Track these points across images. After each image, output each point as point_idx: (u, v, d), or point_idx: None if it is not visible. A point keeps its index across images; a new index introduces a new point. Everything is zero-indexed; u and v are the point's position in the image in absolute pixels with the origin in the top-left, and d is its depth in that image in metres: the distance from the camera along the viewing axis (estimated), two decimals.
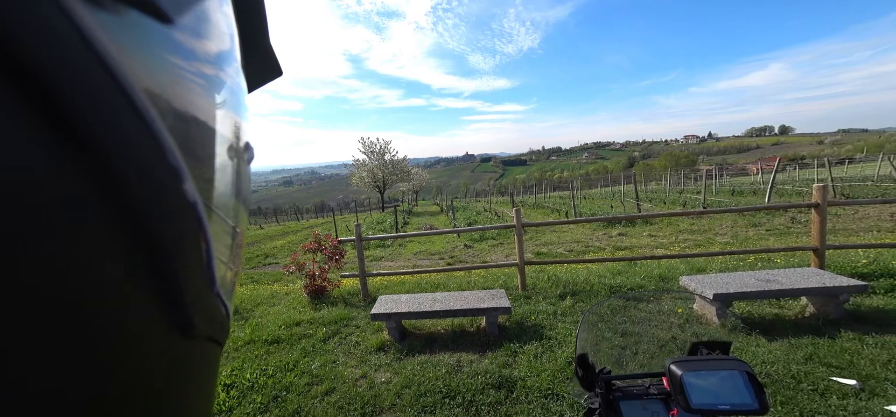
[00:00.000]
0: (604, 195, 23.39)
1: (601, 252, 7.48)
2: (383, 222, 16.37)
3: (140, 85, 0.18)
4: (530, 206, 20.77)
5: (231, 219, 0.33)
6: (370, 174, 29.68)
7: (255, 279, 7.51)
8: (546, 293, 4.14)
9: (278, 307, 4.48)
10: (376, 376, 2.73)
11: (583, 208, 15.04)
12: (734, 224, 8.87)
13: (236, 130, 0.33)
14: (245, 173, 0.37)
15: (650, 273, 4.53)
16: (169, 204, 0.21)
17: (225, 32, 0.30)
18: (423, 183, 46.23)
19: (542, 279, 4.63)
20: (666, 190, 20.33)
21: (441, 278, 5.39)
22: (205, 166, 0.26)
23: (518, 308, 3.70)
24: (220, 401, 2.50)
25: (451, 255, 8.57)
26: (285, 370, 2.86)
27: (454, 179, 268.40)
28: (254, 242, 15.60)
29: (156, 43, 0.21)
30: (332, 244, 4.82)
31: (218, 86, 0.29)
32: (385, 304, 3.39)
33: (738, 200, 13.69)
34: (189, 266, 0.24)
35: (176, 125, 0.21)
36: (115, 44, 0.17)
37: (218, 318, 0.30)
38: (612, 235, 9.21)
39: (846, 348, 2.45)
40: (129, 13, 0.18)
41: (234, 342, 3.43)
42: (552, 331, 3.16)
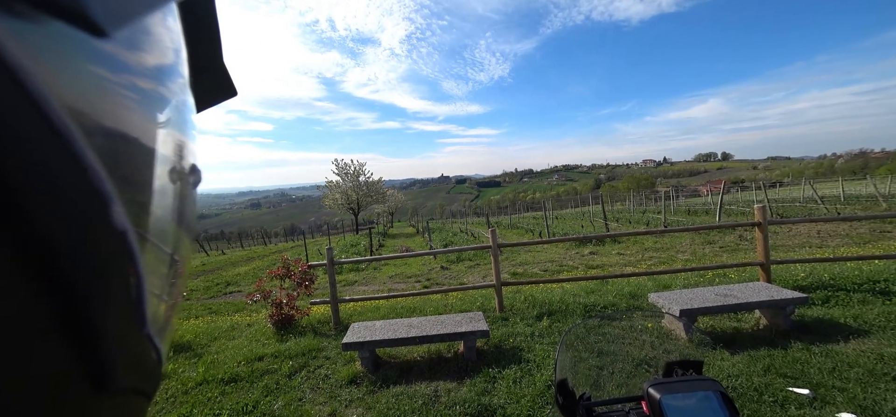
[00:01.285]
0: (574, 215, 24.39)
1: (574, 271, 7.68)
2: (357, 245, 15.88)
3: (61, 100, 0.16)
4: (505, 226, 21.15)
5: (169, 248, 0.29)
6: (344, 196, 29.01)
7: (214, 309, 6.90)
8: (523, 314, 4.13)
9: (239, 340, 4.11)
10: (347, 412, 2.53)
11: (555, 228, 15.54)
12: (693, 242, 9.51)
13: (180, 150, 0.31)
14: (190, 196, 0.34)
15: (621, 291, 4.68)
16: (89, 233, 0.18)
17: (169, 47, 0.28)
18: (398, 205, 45.83)
19: (519, 300, 4.64)
20: (630, 210, 21.62)
21: (417, 301, 5.24)
22: (140, 190, 0.23)
23: (496, 331, 3.64)
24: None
25: (428, 277, 8.42)
26: (243, 413, 2.58)
27: (430, 200, 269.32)
28: (214, 268, 14.49)
29: (84, 56, 0.18)
30: (301, 269, 4.56)
31: (160, 104, 0.27)
32: (358, 332, 3.21)
33: (694, 219, 14.84)
34: (112, 305, 0.20)
35: (105, 145, 0.19)
36: (29, 54, 0.15)
37: (147, 365, 0.26)
38: (584, 253, 9.53)
39: (797, 358, 2.62)
40: (51, 23, 0.16)
41: (184, 384, 3.06)
42: (530, 353, 3.13)
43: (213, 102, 0.45)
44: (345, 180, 29.34)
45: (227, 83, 0.45)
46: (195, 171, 0.35)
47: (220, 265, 15.94)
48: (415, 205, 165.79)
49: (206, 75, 0.40)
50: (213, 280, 11.13)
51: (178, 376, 3.25)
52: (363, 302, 5.21)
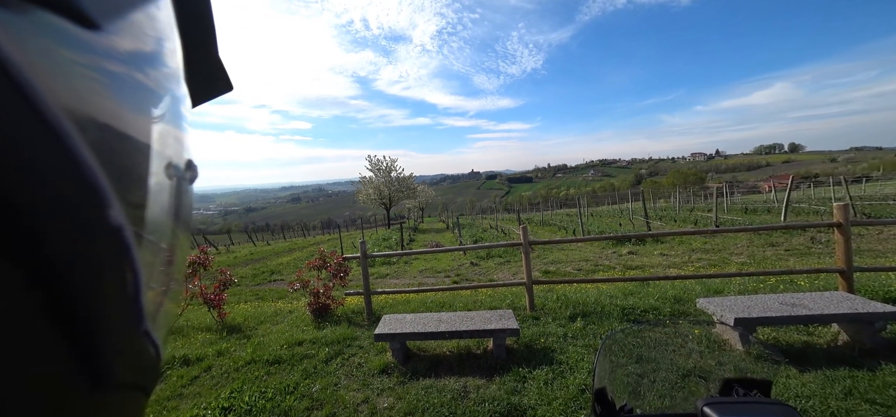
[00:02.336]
0: (611, 213, 23.12)
1: (611, 272, 7.29)
2: (389, 239, 16.34)
3: (53, 94, 0.16)
4: (537, 223, 20.59)
5: (166, 244, 0.29)
6: (376, 191, 29.93)
7: (260, 295, 7.47)
8: (555, 314, 4.00)
9: (281, 326, 4.41)
10: (379, 401, 2.61)
11: (590, 226, 14.83)
12: (750, 244, 8.60)
13: (177, 145, 0.30)
14: (186, 192, 0.33)
15: (664, 294, 4.36)
16: (85, 229, 0.18)
17: (163, 42, 0.28)
18: (429, 200, 46.39)
19: (551, 299, 4.50)
20: (676, 208, 19.97)
21: (447, 296, 5.28)
22: (135, 186, 0.23)
23: (526, 330, 3.57)
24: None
25: (458, 273, 8.44)
26: (285, 392, 2.77)
27: (460, 196, 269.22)
28: (261, 258, 15.66)
29: (76, 49, 0.18)
30: (336, 261, 4.78)
31: (154, 98, 0.26)
32: (389, 324, 3.30)
33: (752, 218, 13.34)
34: (109, 301, 0.20)
35: (101, 140, 0.18)
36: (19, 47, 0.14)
37: (145, 361, 0.26)
38: (621, 253, 9.01)
39: (890, 382, 2.27)
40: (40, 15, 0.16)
41: (235, 362, 3.35)
42: (563, 355, 3.02)
43: (208, 96, 0.45)
44: (377, 175, 30.25)
45: (222, 77, 0.44)
46: (191, 166, 0.34)
47: (266, 254, 17.19)
48: (445, 201, 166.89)
49: (201, 69, 0.39)
50: (259, 269, 12.03)
51: (230, 354, 3.57)
52: (394, 295, 5.35)
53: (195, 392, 2.93)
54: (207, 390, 2.95)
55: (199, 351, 3.65)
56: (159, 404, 2.75)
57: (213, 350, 3.67)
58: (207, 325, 4.61)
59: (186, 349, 3.76)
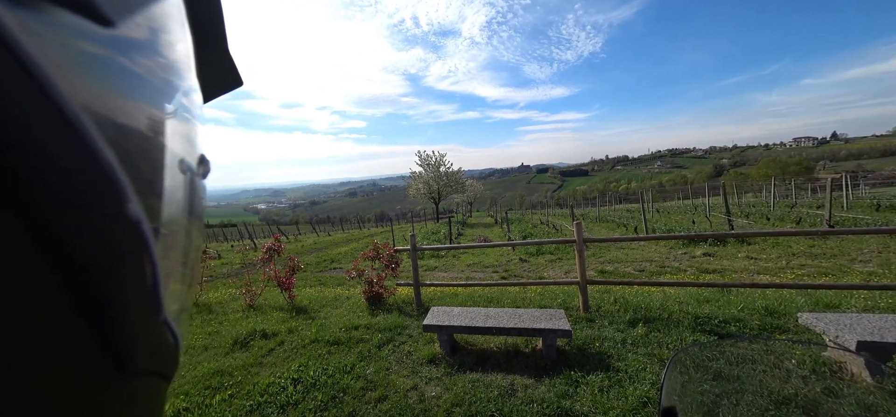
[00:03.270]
0: (682, 209, 20.53)
1: (681, 275, 6.50)
2: (438, 233, 16.70)
3: (71, 92, 0.16)
4: (592, 219, 19.22)
5: (183, 237, 0.30)
6: (426, 186, 30.70)
7: (322, 281, 8.21)
8: (613, 318, 3.71)
9: (340, 310, 4.80)
10: (427, 389, 2.70)
11: (656, 223, 13.36)
12: (885, 248, 6.93)
13: (190, 141, 0.30)
14: (199, 186, 0.33)
15: (751, 304, 3.76)
16: (106, 223, 0.18)
17: (176, 38, 0.28)
18: (477, 195, 46.22)
19: (608, 301, 4.17)
20: (770, 203, 16.86)
21: (494, 292, 5.22)
22: (151, 180, 0.23)
23: (579, 332, 3.37)
24: (288, 393, 2.72)
25: (506, 268, 8.30)
26: (343, 372, 3.01)
27: (509, 190, 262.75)
28: (323, 247, 17.18)
29: (93, 47, 0.18)
30: (388, 253, 5.03)
31: (168, 95, 0.26)
32: (437, 315, 3.38)
33: (889, 217, 10.59)
34: (130, 292, 0.21)
35: (118, 136, 0.19)
36: (39, 45, 0.15)
37: (164, 349, 0.26)
38: (695, 255, 7.97)
39: None
40: (58, 13, 0.16)
41: (302, 340, 3.74)
42: (621, 362, 2.79)
43: (219, 91, 0.44)
44: (427, 170, 30.99)
45: (232, 73, 0.44)
46: (204, 161, 0.34)
47: (327, 244, 18.82)
48: (493, 195, 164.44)
49: (212, 65, 0.39)
50: (322, 257, 13.22)
51: (298, 332, 3.99)
52: (443, 288, 5.45)
53: (271, 362, 3.34)
54: (281, 361, 3.34)
55: (274, 327, 4.15)
56: (245, 369, 3.20)
57: (285, 328, 4.14)
58: (280, 305, 5.21)
59: (264, 324, 4.30)
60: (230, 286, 7.21)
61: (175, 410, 2.59)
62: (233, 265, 11.42)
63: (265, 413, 2.51)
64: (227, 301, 5.78)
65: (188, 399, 2.74)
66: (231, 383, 2.97)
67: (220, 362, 3.36)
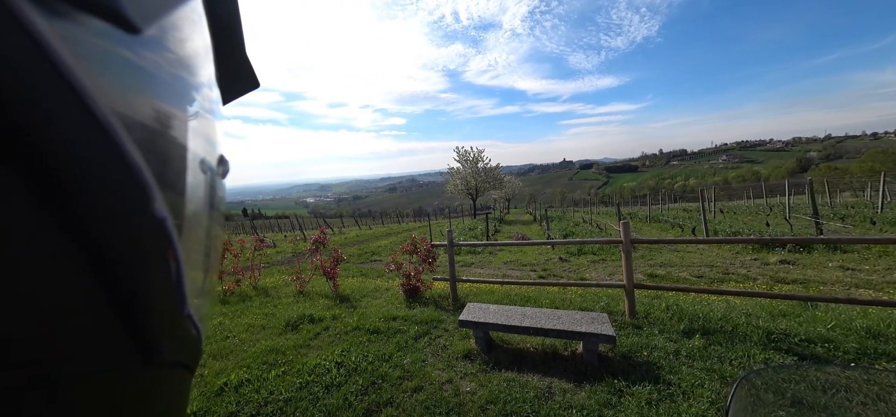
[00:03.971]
0: (754, 209, 18.16)
1: (751, 283, 5.77)
2: (474, 229, 16.65)
3: (102, 96, 0.17)
4: (641, 219, 17.80)
5: (205, 235, 0.30)
6: (463, 182, 30.70)
7: (364, 272, 8.62)
8: (664, 326, 3.42)
9: (379, 301, 5.01)
10: (462, 384, 2.72)
11: (719, 225, 11.98)
12: None
13: (210, 142, 0.31)
14: (219, 186, 0.34)
15: (846, 323, 3.24)
16: (134, 221, 0.19)
17: (198, 43, 0.29)
18: (515, 191, 45.20)
19: (658, 308, 3.86)
20: (877, 204, 14.11)
21: (532, 291, 5.09)
22: (176, 180, 0.24)
23: (625, 339, 3.16)
24: (332, 375, 2.91)
25: (544, 268, 8.03)
26: (382, 360, 3.15)
27: (549, 187, 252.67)
28: (365, 240, 18.03)
29: (122, 53, 0.19)
30: (426, 248, 5.13)
31: (190, 97, 0.27)
32: (473, 312, 3.38)
33: None
34: (156, 287, 0.22)
35: (144, 138, 0.20)
36: (75, 53, 0.15)
37: (188, 342, 0.27)
38: (768, 262, 7.02)
39: None
40: (90, 22, 0.17)
41: (345, 327, 3.97)
42: (673, 375, 2.57)
43: (237, 93, 0.45)
44: (464, 166, 30.98)
45: (250, 75, 0.44)
46: (223, 161, 0.35)
47: (368, 237, 19.71)
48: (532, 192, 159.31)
49: (230, 68, 0.40)
50: (363, 249, 13.88)
51: (341, 320, 4.25)
52: (479, 284, 5.44)
53: (318, 345, 3.60)
54: (326, 345, 3.59)
55: (320, 313, 4.46)
56: (296, 349, 3.49)
57: (329, 314, 4.43)
58: (325, 293, 5.59)
59: (312, 310, 4.64)
60: (283, 273, 7.88)
61: (239, 380, 2.91)
62: (285, 253, 12.46)
63: (313, 391, 2.71)
64: (280, 287, 6.33)
65: (249, 371, 3.06)
66: (284, 361, 3.26)
67: (274, 341, 3.69)
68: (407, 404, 2.49)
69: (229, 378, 2.93)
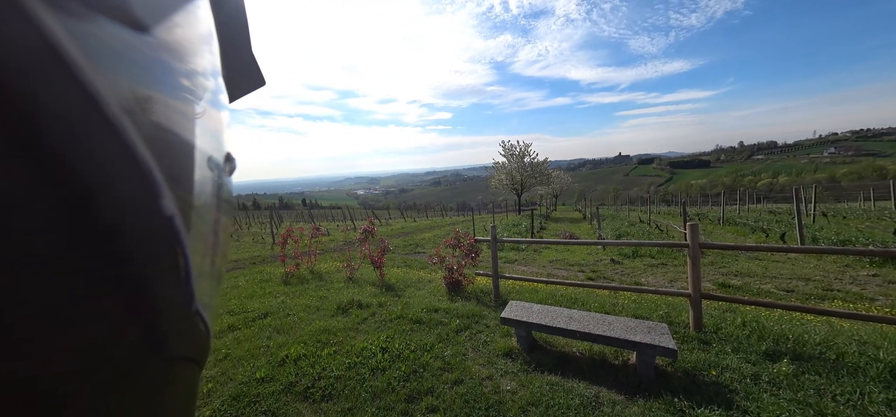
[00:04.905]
0: (875, 213, 14.92)
1: (868, 306, 4.79)
2: (519, 225, 16.23)
3: (112, 95, 0.17)
4: (711, 220, 15.74)
5: (212, 231, 0.31)
6: (509, 177, 30.02)
7: (408, 264, 8.93)
8: (739, 344, 3.01)
9: (422, 292, 5.15)
10: (502, 381, 2.69)
11: (822, 232, 10.07)
12: None
13: (217, 140, 0.31)
14: (226, 183, 0.34)
15: None
16: (142, 218, 0.20)
17: (205, 42, 0.29)
18: (564, 187, 42.97)
19: (732, 323, 3.40)
20: None
21: (579, 293, 4.82)
22: (184, 178, 0.24)
23: (688, 353, 2.84)
24: (377, 359, 3.07)
25: (593, 269, 7.54)
26: (423, 349, 3.24)
27: (602, 183, 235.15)
28: (410, 232, 18.65)
29: (131, 52, 0.19)
30: (469, 242, 5.13)
31: (197, 95, 0.27)
32: (515, 310, 3.30)
33: None
34: (165, 284, 0.22)
35: (153, 136, 0.20)
36: (85, 52, 0.15)
37: (197, 337, 0.28)
38: (893, 279, 5.76)
39: None
40: (100, 21, 0.17)
41: (390, 315, 4.16)
42: (751, 403, 2.25)
43: (243, 92, 0.45)
44: (510, 161, 30.26)
45: (256, 73, 0.44)
46: (230, 159, 0.35)
47: (413, 229, 20.33)
48: (582, 188, 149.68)
49: (237, 67, 0.40)
50: (408, 241, 14.37)
51: (386, 307, 4.46)
52: (522, 282, 5.30)
53: (365, 329, 3.83)
54: (372, 330, 3.80)
55: (368, 300, 4.73)
56: (345, 331, 3.75)
57: (376, 301, 4.67)
58: (372, 281, 5.90)
59: (360, 296, 4.94)
60: (335, 260, 8.49)
61: (297, 354, 3.22)
62: (337, 241, 13.42)
63: (360, 372, 2.89)
64: (332, 272, 6.83)
65: (306, 347, 3.36)
66: (335, 341, 3.52)
67: (327, 322, 4.01)
68: (447, 395, 2.54)
69: (289, 352, 3.26)
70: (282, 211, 47.65)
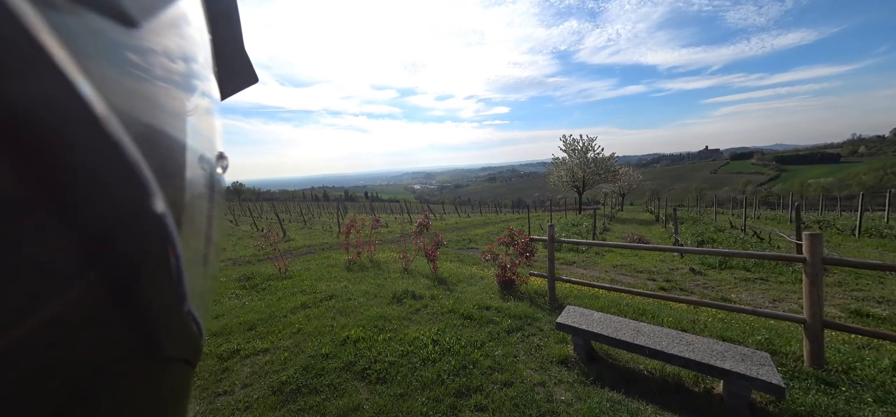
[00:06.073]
0: None
1: None
2: (578, 226, 15.16)
3: (100, 92, 0.16)
4: (841, 230, 12.66)
5: (204, 230, 0.30)
6: (569, 173, 28.19)
7: (460, 259, 9.00)
8: (883, 391, 2.37)
9: (474, 288, 5.13)
10: (556, 390, 2.54)
11: None
12: None
13: (209, 137, 0.31)
14: (218, 181, 0.34)
15: None
16: (133, 218, 0.19)
17: (195, 38, 0.28)
18: (632, 185, 38.84)
19: (872, 363, 2.71)
20: None
21: (649, 304, 4.31)
22: (174, 177, 0.24)
23: (801, 395, 2.34)
24: (428, 351, 3.15)
25: (667, 278, 6.68)
26: (473, 346, 3.22)
27: (681, 181, 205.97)
28: (463, 228, 18.78)
29: (119, 47, 0.19)
30: (523, 241, 4.95)
31: (189, 92, 0.27)
32: (573, 316, 3.08)
33: None
34: (156, 284, 0.21)
35: (143, 134, 0.19)
36: (71, 48, 0.15)
37: (189, 337, 0.28)
38: None
39: None
40: (87, 16, 0.16)
41: (441, 308, 4.23)
42: None
43: (235, 89, 0.44)
44: (571, 156, 28.41)
45: (248, 70, 0.43)
46: (222, 157, 0.35)
47: (466, 225, 20.43)
48: (656, 186, 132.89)
49: (229, 64, 0.39)
50: (461, 236, 14.48)
51: (439, 300, 4.54)
52: (581, 286, 4.93)
53: (418, 320, 3.96)
54: (424, 321, 3.91)
55: (421, 291, 4.88)
56: (399, 320, 3.92)
57: (428, 293, 4.79)
58: (426, 273, 6.07)
59: (414, 287, 5.12)
60: (392, 251, 8.95)
61: (357, 336, 3.47)
62: (394, 233, 14.13)
63: (411, 360, 3.00)
64: (389, 262, 7.21)
65: (364, 331, 3.60)
66: (390, 328, 3.71)
67: (383, 309, 4.24)
68: (496, 396, 2.48)
69: (350, 333, 3.52)
70: (346, 203, 52.02)
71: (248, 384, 2.78)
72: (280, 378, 2.78)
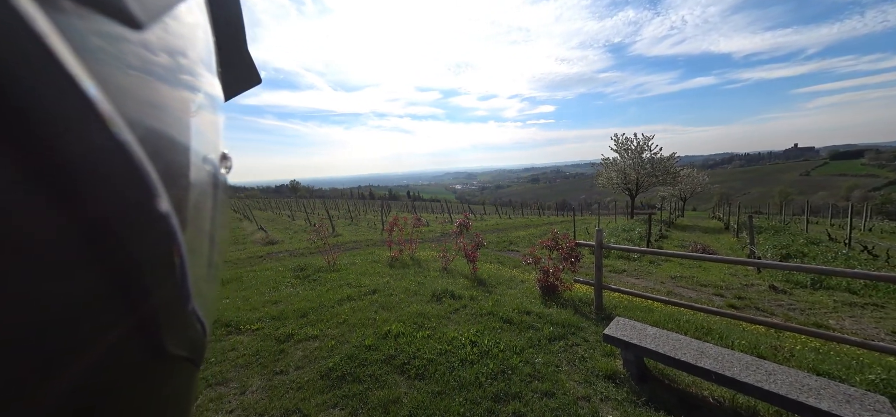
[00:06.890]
0: None
1: None
2: (631, 231, 14.00)
3: (106, 93, 0.17)
4: None
5: (208, 231, 0.30)
6: (620, 175, 26.12)
7: (500, 260, 8.83)
8: None
9: (514, 292, 4.99)
10: (602, 407, 2.36)
11: None
12: None
13: (213, 138, 0.31)
14: (222, 182, 0.34)
15: None
16: (137, 218, 0.19)
17: (200, 39, 0.28)
18: (696, 188, 34.83)
19: None
20: None
21: (716, 322, 3.82)
22: (179, 177, 0.24)
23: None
24: (466, 351, 3.13)
25: (739, 295, 5.87)
26: (513, 351, 3.13)
27: (758, 184, 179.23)
28: (504, 229, 18.44)
29: (124, 49, 0.19)
30: (568, 245, 4.70)
31: (193, 93, 0.27)
32: (623, 328, 2.85)
33: None
34: (161, 283, 0.22)
35: (147, 135, 0.19)
36: (77, 49, 0.15)
37: (193, 338, 0.28)
38: None
39: None
40: (93, 17, 0.16)
41: (480, 309, 4.18)
42: None
43: (239, 90, 0.45)
44: (624, 156, 26.35)
45: (251, 71, 0.44)
46: (226, 158, 0.35)
47: (507, 227, 20.02)
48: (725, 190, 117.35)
49: (232, 64, 0.39)
50: (502, 237, 14.23)
51: (477, 301, 4.50)
52: (633, 297, 4.55)
53: (456, 320, 3.96)
54: (463, 321, 3.90)
55: (460, 291, 4.88)
56: (438, 318, 3.96)
57: (467, 294, 4.77)
58: (465, 273, 6.06)
59: (453, 287, 5.13)
60: (432, 250, 9.09)
61: (397, 331, 3.57)
62: (435, 232, 14.34)
63: (450, 359, 3.01)
64: (429, 261, 7.33)
65: (404, 326, 3.70)
66: (429, 325, 3.76)
67: (423, 307, 4.32)
68: (536, 405, 2.38)
69: (391, 328, 3.64)
70: (390, 201, 54.11)
71: (300, 366, 3.01)
72: (327, 364, 2.96)
